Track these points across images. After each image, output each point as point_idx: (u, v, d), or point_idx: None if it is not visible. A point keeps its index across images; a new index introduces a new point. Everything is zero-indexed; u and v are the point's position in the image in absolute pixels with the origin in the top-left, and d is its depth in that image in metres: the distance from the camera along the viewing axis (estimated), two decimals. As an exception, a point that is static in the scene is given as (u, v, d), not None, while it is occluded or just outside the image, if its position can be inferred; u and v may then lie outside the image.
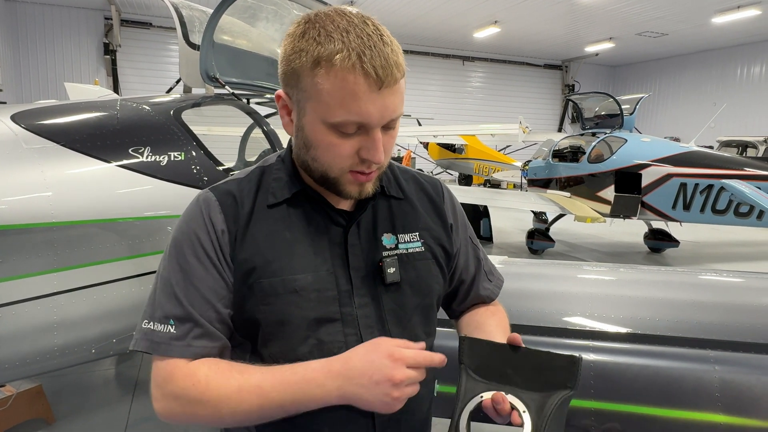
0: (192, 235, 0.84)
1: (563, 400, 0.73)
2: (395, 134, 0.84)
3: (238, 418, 0.77)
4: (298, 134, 0.84)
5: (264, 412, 0.76)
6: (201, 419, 0.78)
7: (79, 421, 2.92)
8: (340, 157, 0.81)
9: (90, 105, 2.29)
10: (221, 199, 0.87)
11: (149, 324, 0.82)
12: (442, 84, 20.05)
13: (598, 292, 2.10)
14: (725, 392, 1.65)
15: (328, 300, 0.84)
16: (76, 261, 1.87)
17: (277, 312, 0.82)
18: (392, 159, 0.93)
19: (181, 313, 0.81)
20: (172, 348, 0.80)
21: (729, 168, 6.32)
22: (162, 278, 0.84)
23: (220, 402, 0.76)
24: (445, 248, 0.96)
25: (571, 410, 1.75)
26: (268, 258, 0.83)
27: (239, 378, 0.77)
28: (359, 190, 0.85)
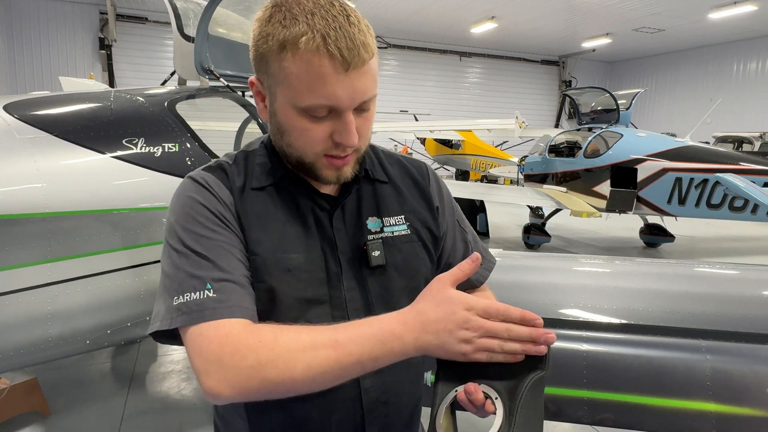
0: (202, 206, 0.81)
1: (534, 381, 0.72)
2: (370, 116, 0.82)
3: (312, 375, 0.69)
4: (271, 120, 0.84)
5: (340, 368, 0.70)
6: (269, 385, 0.69)
7: (75, 415, 2.92)
8: (314, 142, 0.80)
9: (83, 96, 2.29)
10: (218, 176, 0.86)
11: (179, 298, 0.75)
12: (439, 80, 20.03)
13: (592, 283, 2.11)
14: (716, 381, 1.66)
15: (318, 282, 0.84)
16: (70, 252, 1.87)
17: (269, 290, 0.81)
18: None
19: (220, 275, 0.76)
20: (218, 310, 0.73)
21: (724, 162, 6.35)
22: (180, 253, 0.78)
23: (292, 358, 0.69)
24: (432, 231, 0.95)
25: (564, 399, 1.77)
26: (261, 236, 0.83)
27: (310, 333, 0.71)
28: (336, 175, 0.84)
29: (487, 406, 0.71)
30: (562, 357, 1.77)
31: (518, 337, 0.70)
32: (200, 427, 2.81)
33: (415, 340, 0.71)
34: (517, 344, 0.70)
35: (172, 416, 2.92)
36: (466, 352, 0.70)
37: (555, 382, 1.75)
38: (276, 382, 0.69)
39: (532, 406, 0.71)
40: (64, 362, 3.55)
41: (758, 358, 1.69)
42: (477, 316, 0.70)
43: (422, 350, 0.72)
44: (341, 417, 0.85)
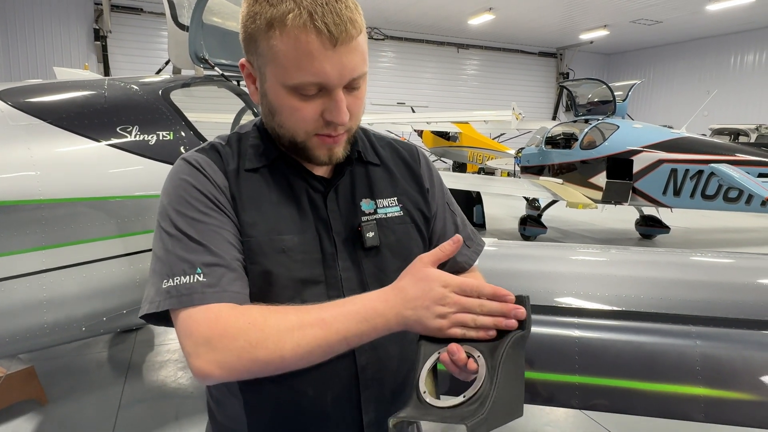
0: (195, 188, 0.81)
1: (515, 340, 0.74)
2: (361, 95, 0.82)
3: (300, 353, 0.71)
4: (262, 101, 0.84)
5: (327, 345, 0.72)
6: (259, 364, 0.71)
7: (72, 403, 2.94)
8: (304, 121, 0.80)
9: (77, 84, 2.28)
10: (213, 158, 0.86)
11: (169, 281, 0.75)
12: (436, 71, 19.96)
13: (585, 271, 2.13)
14: (706, 366, 1.68)
15: (314, 262, 0.85)
16: (64, 239, 1.88)
17: (265, 271, 0.82)
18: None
19: (211, 259, 0.77)
20: (206, 295, 0.74)
21: (719, 153, 6.37)
22: (171, 235, 0.79)
23: (281, 338, 0.71)
24: (423, 212, 0.97)
25: (556, 385, 1.79)
26: (255, 218, 0.83)
27: (297, 313, 0.73)
28: (329, 155, 0.84)
29: (470, 365, 0.73)
30: (555, 343, 1.79)
31: (490, 311, 0.72)
32: (196, 414, 2.84)
33: (396, 315, 0.73)
34: (489, 319, 0.72)
35: (168, 404, 2.94)
36: (442, 326, 0.72)
37: (547, 368, 1.77)
38: (266, 361, 0.71)
39: (513, 364, 0.73)
40: (60, 351, 3.56)
41: (747, 344, 1.71)
42: (453, 292, 0.73)
43: (403, 325, 0.74)
44: (337, 393, 0.86)
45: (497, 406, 0.69)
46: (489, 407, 0.68)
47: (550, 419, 2.88)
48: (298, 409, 0.86)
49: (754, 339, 1.72)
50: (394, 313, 0.73)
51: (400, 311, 0.73)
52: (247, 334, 0.71)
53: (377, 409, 0.89)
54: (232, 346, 0.70)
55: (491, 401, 0.68)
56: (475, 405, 0.69)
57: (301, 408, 0.86)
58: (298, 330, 0.71)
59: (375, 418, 0.89)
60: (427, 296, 0.73)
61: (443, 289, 0.73)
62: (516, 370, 0.74)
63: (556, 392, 1.75)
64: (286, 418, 0.87)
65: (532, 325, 0.75)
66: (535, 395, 1.74)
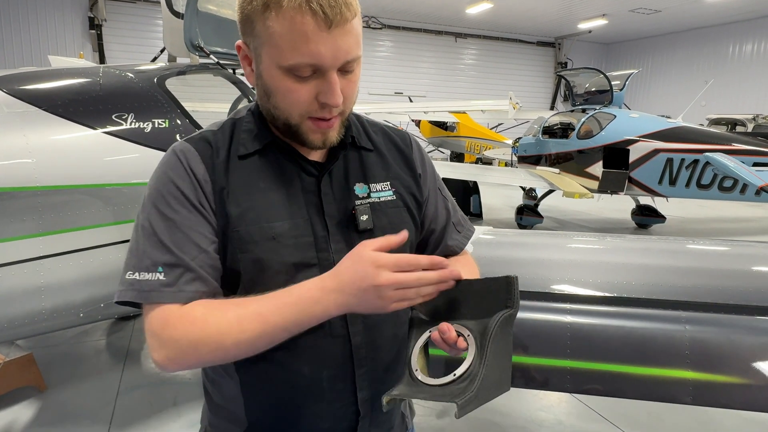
0: (174, 184, 0.83)
1: (504, 318, 0.76)
2: (355, 79, 0.83)
3: (242, 347, 0.76)
4: (258, 83, 0.85)
5: (267, 337, 0.76)
6: (205, 358, 0.78)
7: (71, 389, 2.97)
8: (299, 103, 0.81)
9: (72, 71, 2.28)
10: (199, 148, 0.87)
11: (134, 274, 0.80)
12: (434, 61, 19.85)
13: (579, 258, 2.15)
14: (695, 350, 1.71)
15: (306, 246, 0.86)
16: (61, 226, 1.89)
17: (256, 259, 0.83)
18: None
19: (171, 259, 0.80)
20: (163, 294, 0.79)
21: (715, 143, 6.39)
22: (144, 228, 0.82)
23: (221, 335, 0.75)
24: (416, 196, 0.98)
25: (548, 369, 1.81)
26: (245, 207, 0.84)
27: (236, 309, 0.77)
28: (322, 138, 0.85)
29: (460, 344, 0.75)
30: (547, 328, 1.82)
31: (429, 282, 0.75)
32: (194, 400, 2.87)
33: (334, 301, 0.76)
34: (431, 288, 0.75)
35: (166, 390, 2.97)
36: (383, 306, 0.74)
37: (540, 353, 1.80)
38: (209, 358, 0.78)
39: (502, 342, 0.76)
40: (59, 338, 3.59)
41: (735, 328, 1.73)
42: (388, 270, 0.74)
43: (345, 309, 0.76)
44: (332, 372, 0.88)
45: (486, 383, 0.71)
46: (478, 385, 0.70)
47: (543, 404, 2.92)
48: (294, 387, 0.88)
49: (742, 324, 1.75)
50: (332, 299, 0.75)
51: (337, 297, 0.75)
52: (189, 334, 0.76)
53: (371, 386, 0.91)
54: (177, 345, 0.77)
55: (480, 379, 0.71)
56: (465, 383, 0.71)
57: (296, 386, 0.88)
58: (237, 326, 0.76)
59: (369, 395, 0.91)
60: (362, 278, 0.74)
61: (377, 269, 0.74)
62: (504, 348, 0.76)
63: (548, 376, 1.78)
64: (283, 396, 0.89)
65: (527, 310, 0.77)
66: (528, 379, 1.77)
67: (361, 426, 0.92)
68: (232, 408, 0.92)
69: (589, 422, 2.76)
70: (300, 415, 0.89)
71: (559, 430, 2.69)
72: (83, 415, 2.70)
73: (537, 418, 2.78)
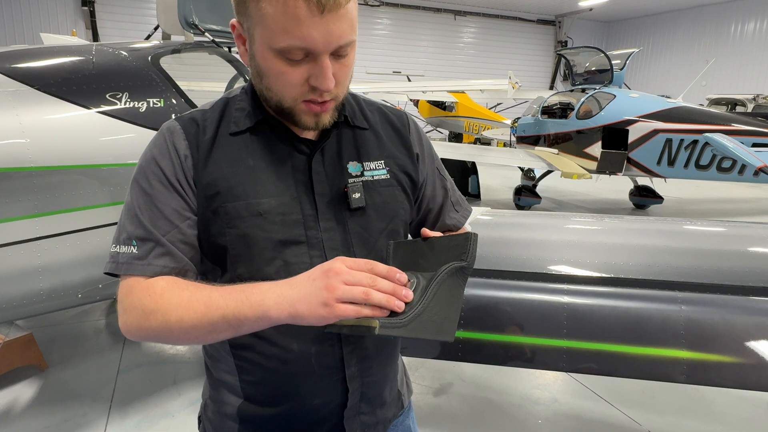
0: (155, 162, 0.85)
1: (455, 268, 0.78)
2: (348, 63, 0.82)
3: (184, 327, 0.76)
4: (251, 63, 0.85)
5: (208, 323, 0.75)
6: (153, 332, 0.79)
7: (72, 368, 3.00)
8: (291, 86, 0.80)
9: (64, 49, 2.24)
10: (185, 126, 0.88)
11: (116, 247, 0.84)
12: (433, 39, 19.60)
13: (576, 239, 2.16)
14: (690, 330, 1.72)
15: (293, 223, 0.86)
16: (58, 206, 1.88)
17: (243, 235, 0.84)
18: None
19: (143, 233, 0.83)
20: (133, 266, 0.82)
21: (715, 123, 6.35)
22: (126, 204, 0.86)
23: (169, 310, 0.77)
24: (411, 176, 0.98)
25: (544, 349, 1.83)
26: (232, 183, 0.85)
27: (193, 290, 0.78)
28: (315, 121, 0.85)
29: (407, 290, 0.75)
30: (544, 308, 1.83)
31: (382, 289, 0.71)
32: (194, 379, 2.90)
33: (278, 295, 0.72)
34: (381, 295, 0.70)
35: (167, 369, 3.00)
36: (326, 299, 0.69)
37: (537, 333, 1.82)
38: (157, 331, 0.79)
39: (449, 289, 0.77)
40: (58, 318, 3.61)
41: (730, 308, 1.75)
42: (343, 264, 0.71)
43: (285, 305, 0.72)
44: (320, 349, 0.89)
45: (422, 319, 0.72)
46: (410, 317, 0.71)
47: (538, 383, 2.96)
48: (285, 363, 0.90)
49: (736, 304, 1.76)
50: (276, 293, 0.73)
51: (283, 290, 0.72)
52: (144, 304, 0.79)
53: (359, 363, 0.93)
54: (133, 312, 0.80)
55: (413, 312, 0.72)
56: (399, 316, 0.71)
57: (287, 362, 0.90)
58: (185, 305, 0.77)
59: (357, 371, 0.93)
60: (315, 270, 0.72)
61: (333, 261, 0.72)
62: (451, 297, 0.77)
63: (545, 356, 1.80)
64: (274, 371, 0.90)
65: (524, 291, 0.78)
66: (525, 359, 1.79)
67: (350, 401, 0.94)
68: (230, 382, 0.94)
69: (583, 400, 2.80)
70: (292, 391, 0.91)
71: (554, 407, 2.74)
72: (84, 394, 2.73)
73: (533, 396, 2.83)
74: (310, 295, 0.70)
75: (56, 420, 2.51)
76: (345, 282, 0.69)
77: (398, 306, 0.71)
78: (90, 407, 2.62)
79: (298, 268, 0.85)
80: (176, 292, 0.79)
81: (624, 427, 2.57)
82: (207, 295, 0.77)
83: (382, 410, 1.01)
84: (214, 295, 0.76)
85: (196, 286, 0.80)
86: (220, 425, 0.98)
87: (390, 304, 0.70)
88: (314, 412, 0.93)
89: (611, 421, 2.62)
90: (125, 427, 2.48)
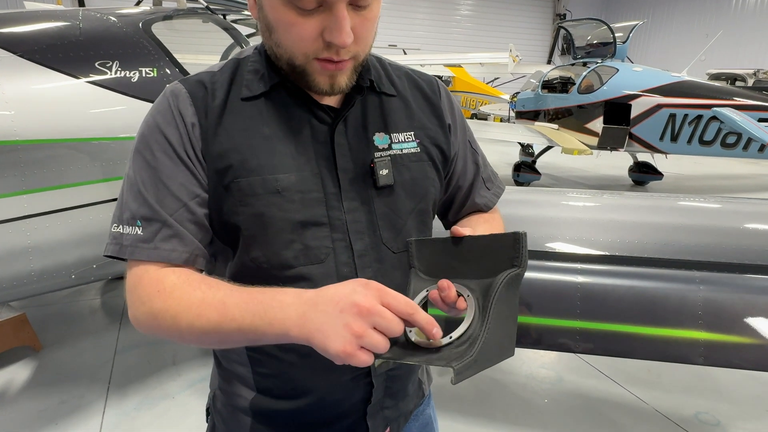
0: (159, 130, 0.76)
1: (510, 278, 0.69)
2: (371, 16, 0.71)
3: (195, 334, 0.68)
4: (260, 15, 0.74)
5: (222, 332, 0.66)
6: (163, 332, 0.71)
7: (67, 349, 2.93)
8: (302, 40, 0.70)
9: (48, 13, 2.09)
10: (191, 90, 0.78)
11: (118, 227, 0.75)
12: (429, 12, 19.22)
13: (585, 216, 2.09)
14: (708, 310, 1.68)
15: (314, 202, 0.77)
16: (47, 183, 1.78)
17: (258, 214, 0.75)
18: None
19: (148, 212, 0.74)
20: (139, 250, 0.73)
21: (720, 98, 6.25)
22: (128, 178, 0.76)
23: (179, 312, 0.68)
24: (443, 149, 0.88)
25: (557, 330, 1.78)
26: (246, 155, 0.75)
27: (206, 290, 0.69)
28: (330, 83, 0.74)
29: (459, 304, 0.67)
30: (557, 289, 1.77)
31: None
32: (195, 359, 2.85)
33: (301, 315, 0.61)
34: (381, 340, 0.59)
35: (165, 349, 2.94)
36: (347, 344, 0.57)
37: (549, 313, 1.76)
38: (167, 331, 0.71)
39: (506, 304, 0.68)
40: (52, 298, 3.53)
41: (749, 288, 1.70)
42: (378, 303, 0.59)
43: (302, 327, 0.61)
44: None
45: (487, 347, 0.64)
46: (478, 349, 0.63)
47: (543, 362, 2.93)
48: (302, 357, 0.82)
49: (756, 284, 1.71)
50: (300, 312, 0.61)
51: (306, 311, 0.61)
52: (152, 302, 0.71)
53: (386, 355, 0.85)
54: (141, 309, 0.72)
55: (481, 343, 0.63)
56: (463, 347, 0.64)
57: (306, 355, 0.81)
58: (196, 309, 0.68)
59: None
60: (344, 294, 0.60)
61: (366, 289, 0.60)
62: (509, 311, 0.69)
63: (557, 337, 1.75)
64: (292, 365, 0.83)
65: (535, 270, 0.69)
66: (536, 341, 1.74)
67: (374, 397, 0.87)
68: (242, 374, 0.87)
69: (589, 378, 2.77)
70: (311, 385, 0.84)
71: (559, 386, 2.71)
72: (81, 375, 2.67)
73: (538, 375, 2.80)
74: (332, 329, 0.58)
75: (53, 402, 2.45)
76: (375, 326, 0.58)
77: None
78: (87, 389, 2.56)
79: (319, 253, 0.77)
80: (188, 290, 0.70)
81: (629, 406, 2.55)
82: (221, 299, 0.67)
83: (404, 402, 0.94)
84: (228, 301, 0.66)
85: (208, 285, 0.70)
86: (232, 418, 0.91)
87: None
88: (335, 407, 0.86)
89: (617, 399, 2.60)
90: (124, 409, 2.43)
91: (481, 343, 0.63)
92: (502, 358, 0.67)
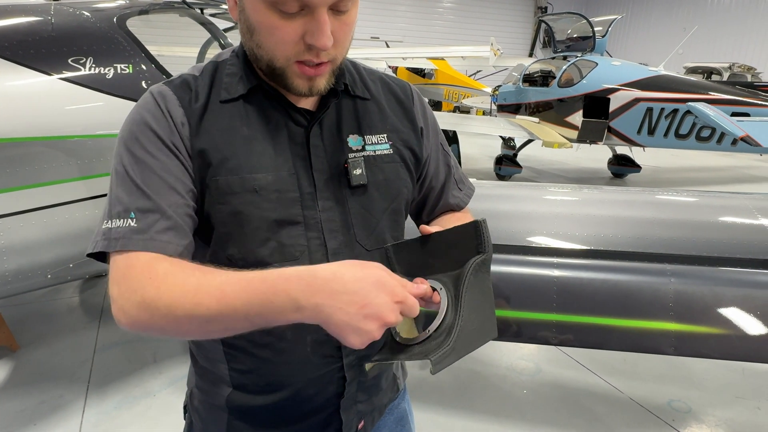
0: (148, 127, 0.75)
1: (477, 264, 0.72)
2: (349, 21, 0.73)
3: (195, 324, 0.65)
4: (240, 17, 0.75)
5: (225, 321, 0.64)
6: (156, 324, 0.66)
7: (45, 348, 2.89)
8: (284, 43, 0.71)
9: (17, 8, 2.04)
10: (178, 92, 0.79)
11: (108, 223, 0.72)
12: (411, 4, 19.15)
13: (563, 211, 2.13)
14: (679, 302, 1.72)
15: (290, 202, 0.79)
16: (20, 182, 1.75)
17: (235, 212, 0.76)
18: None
19: (145, 203, 0.72)
20: (132, 241, 0.70)
21: (695, 92, 6.37)
22: (117, 174, 0.75)
23: (174, 302, 0.65)
24: (415, 152, 0.91)
25: (534, 323, 1.81)
26: (225, 154, 0.77)
27: (201, 277, 0.66)
28: (309, 86, 0.76)
29: (434, 298, 0.70)
30: (534, 282, 1.81)
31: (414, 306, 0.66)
32: (174, 356, 2.83)
33: (315, 307, 0.61)
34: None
35: (145, 347, 2.92)
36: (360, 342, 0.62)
37: (527, 307, 1.80)
38: (161, 323, 0.66)
39: (478, 288, 0.71)
40: (29, 297, 3.47)
41: (719, 280, 1.75)
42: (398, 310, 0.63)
43: (319, 320, 0.62)
44: (316, 337, 0.83)
45: (464, 333, 0.67)
46: (454, 337, 0.66)
47: (523, 353, 2.99)
48: (278, 352, 0.84)
49: (725, 276, 1.77)
50: (313, 303, 0.61)
51: (320, 303, 0.61)
52: (144, 291, 0.66)
53: (358, 351, 0.87)
54: (132, 299, 0.67)
55: (456, 331, 0.67)
56: (440, 338, 0.67)
57: (281, 351, 0.84)
58: (193, 297, 0.64)
59: (356, 360, 0.88)
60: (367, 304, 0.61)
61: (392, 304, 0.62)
62: (482, 295, 0.72)
63: (535, 330, 1.78)
64: (267, 361, 0.84)
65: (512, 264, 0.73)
66: (514, 333, 1.77)
67: (347, 391, 0.89)
68: (218, 371, 0.88)
69: (567, 369, 2.84)
70: (286, 380, 0.86)
71: (538, 377, 2.77)
72: (60, 375, 2.64)
73: (517, 367, 2.85)
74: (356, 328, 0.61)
75: (32, 402, 2.42)
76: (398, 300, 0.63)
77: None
78: (66, 388, 2.53)
79: (293, 251, 0.78)
80: (182, 278, 0.66)
81: (606, 395, 2.61)
82: (219, 287, 0.64)
83: (378, 397, 0.97)
84: (227, 290, 0.64)
85: (203, 271, 0.68)
86: (209, 415, 0.92)
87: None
88: (309, 401, 0.88)
89: (594, 389, 2.66)
90: (104, 408, 2.41)
91: (457, 332, 0.66)
92: (486, 340, 0.71)
